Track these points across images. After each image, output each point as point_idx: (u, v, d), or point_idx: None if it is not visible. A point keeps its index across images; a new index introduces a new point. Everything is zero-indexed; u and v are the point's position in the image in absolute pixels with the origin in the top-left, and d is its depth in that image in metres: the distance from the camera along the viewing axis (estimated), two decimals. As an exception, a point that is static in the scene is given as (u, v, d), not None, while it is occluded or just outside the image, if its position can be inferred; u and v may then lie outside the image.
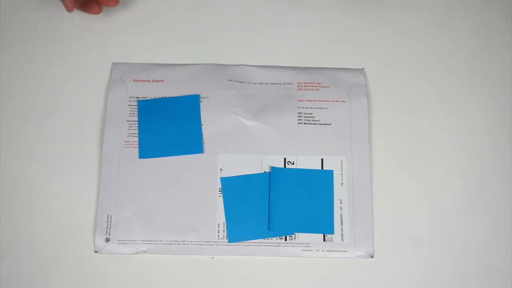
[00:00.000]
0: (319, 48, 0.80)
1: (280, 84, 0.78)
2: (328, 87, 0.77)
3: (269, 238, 0.71)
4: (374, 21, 0.81)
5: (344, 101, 0.77)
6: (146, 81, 0.77)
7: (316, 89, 0.77)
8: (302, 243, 0.71)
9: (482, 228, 0.72)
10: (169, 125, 0.75)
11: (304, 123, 0.75)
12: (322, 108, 0.76)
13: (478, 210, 0.73)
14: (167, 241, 0.71)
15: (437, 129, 0.76)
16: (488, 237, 0.72)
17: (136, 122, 0.75)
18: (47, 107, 0.76)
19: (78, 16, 0.80)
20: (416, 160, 0.75)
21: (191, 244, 0.71)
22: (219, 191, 0.72)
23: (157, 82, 0.77)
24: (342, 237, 0.71)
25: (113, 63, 0.78)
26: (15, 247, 0.70)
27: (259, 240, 0.71)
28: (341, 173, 0.73)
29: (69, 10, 0.77)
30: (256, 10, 0.82)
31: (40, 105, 0.76)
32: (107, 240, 0.71)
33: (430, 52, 0.80)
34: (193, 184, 0.73)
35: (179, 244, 0.71)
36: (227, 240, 0.71)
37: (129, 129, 0.75)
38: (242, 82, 0.77)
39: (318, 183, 0.73)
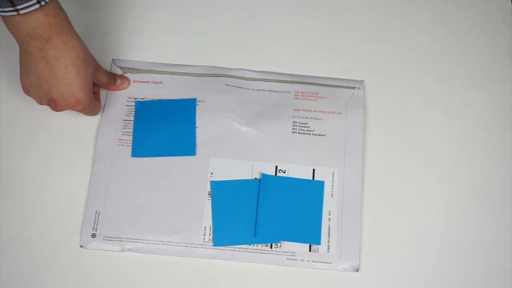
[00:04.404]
0: (319, 58, 0.80)
1: (278, 92, 0.77)
2: (325, 98, 0.77)
3: (255, 245, 0.70)
4: (374, 32, 0.81)
5: (340, 113, 0.76)
6: (145, 82, 0.78)
7: (314, 99, 0.77)
8: (287, 252, 0.70)
9: (479, 233, 0.72)
10: (163, 126, 0.75)
11: (299, 132, 0.75)
12: (317, 119, 0.76)
13: (473, 220, 0.72)
14: (153, 240, 0.70)
15: (432, 145, 0.76)
16: (488, 238, 0.72)
17: (132, 122, 0.76)
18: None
19: (78, 15, 0.81)
20: (409, 177, 0.74)
21: (176, 245, 0.70)
22: (208, 194, 0.72)
23: (156, 83, 0.78)
24: (329, 248, 0.71)
25: (113, 59, 0.78)
26: (12, 240, 0.71)
27: (245, 246, 0.70)
28: (332, 185, 0.73)
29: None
30: (258, 17, 0.82)
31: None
32: (93, 235, 0.71)
33: (430, 61, 0.80)
34: (183, 185, 0.73)
35: (164, 244, 0.70)
36: (212, 244, 0.70)
37: (124, 128, 0.75)
38: (240, 88, 0.77)
39: (308, 193, 0.72)
